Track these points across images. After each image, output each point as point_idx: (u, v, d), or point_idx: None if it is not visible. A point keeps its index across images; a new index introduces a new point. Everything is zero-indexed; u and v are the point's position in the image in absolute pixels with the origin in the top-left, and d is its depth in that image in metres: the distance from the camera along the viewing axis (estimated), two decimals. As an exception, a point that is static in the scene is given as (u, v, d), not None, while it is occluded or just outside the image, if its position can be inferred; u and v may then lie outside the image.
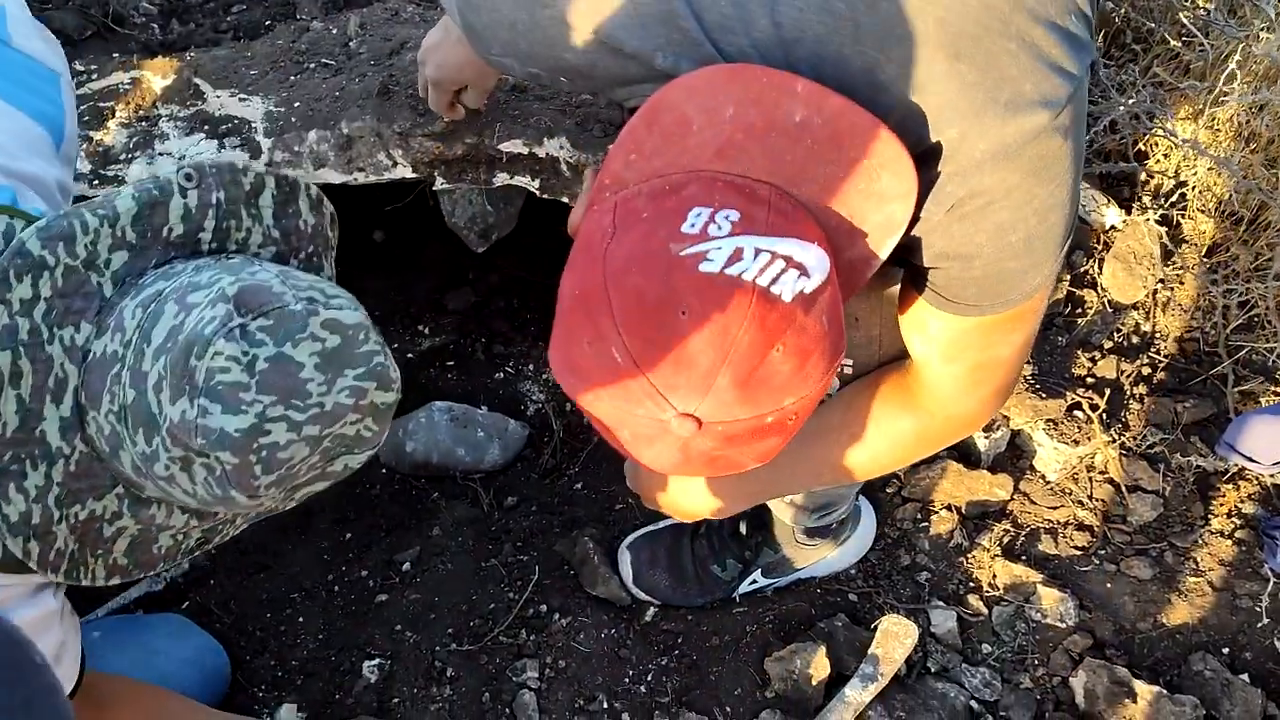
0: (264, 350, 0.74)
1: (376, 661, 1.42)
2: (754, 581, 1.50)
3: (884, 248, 0.80)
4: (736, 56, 0.77)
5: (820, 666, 1.39)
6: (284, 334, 0.75)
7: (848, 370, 1.14)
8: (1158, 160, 1.82)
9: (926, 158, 0.79)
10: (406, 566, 1.53)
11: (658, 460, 0.78)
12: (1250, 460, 1.49)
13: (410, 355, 1.83)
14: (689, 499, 1.22)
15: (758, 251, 0.71)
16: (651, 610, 1.49)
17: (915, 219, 0.81)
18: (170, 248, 0.82)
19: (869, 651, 1.41)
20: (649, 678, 1.42)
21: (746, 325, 0.70)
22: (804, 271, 0.72)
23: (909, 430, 1.04)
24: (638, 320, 0.71)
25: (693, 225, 0.72)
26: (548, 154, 1.53)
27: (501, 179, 1.58)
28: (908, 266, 0.92)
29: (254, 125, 1.56)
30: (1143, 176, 1.81)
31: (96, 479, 0.82)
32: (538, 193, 1.59)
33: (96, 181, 1.45)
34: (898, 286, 0.99)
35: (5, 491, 0.78)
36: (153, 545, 0.88)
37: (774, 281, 0.71)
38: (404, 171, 1.58)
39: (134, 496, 0.84)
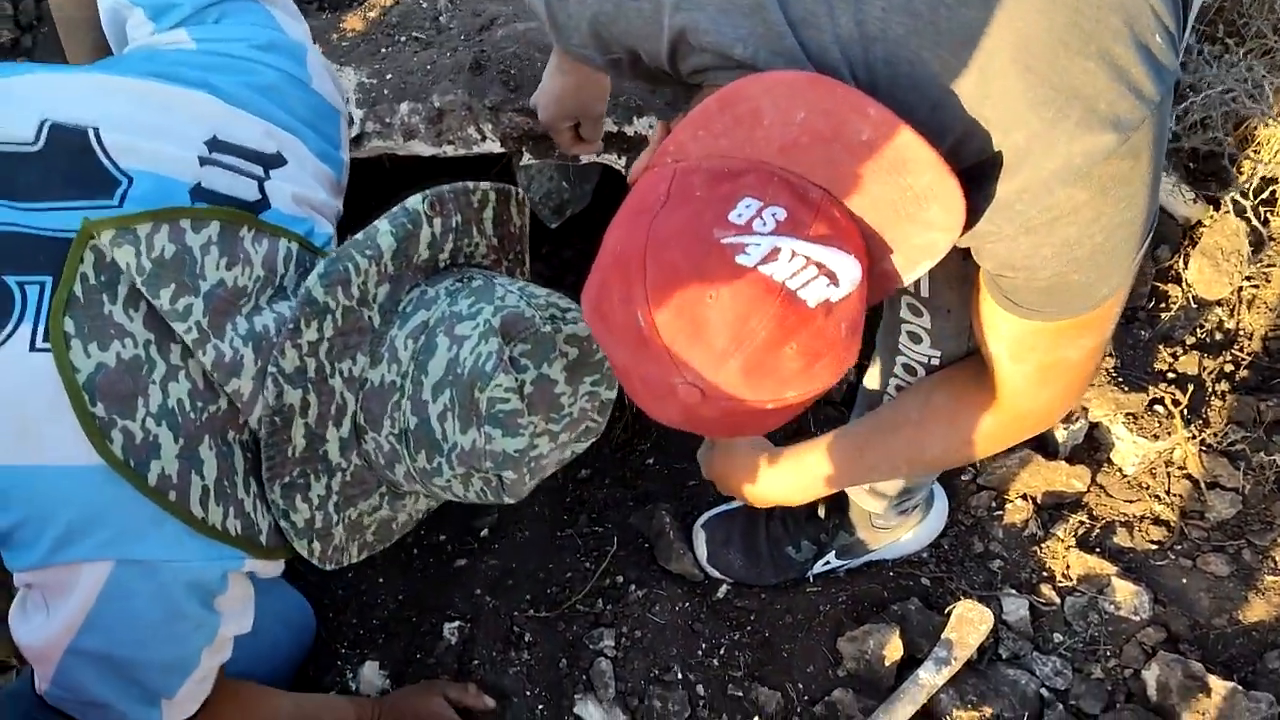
0: (529, 375, 0.85)
1: (456, 624, 1.45)
2: (827, 563, 1.51)
3: (918, 269, 0.81)
4: (816, 51, 0.78)
5: (894, 648, 1.40)
6: (541, 355, 0.86)
7: (935, 362, 1.15)
8: (1249, 155, 1.79)
9: (989, 167, 0.79)
10: (485, 533, 1.56)
11: (662, 414, 0.81)
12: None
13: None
14: (764, 488, 1.23)
15: (794, 254, 0.73)
16: (725, 587, 1.51)
17: (986, 231, 0.83)
18: (418, 271, 0.91)
19: (943, 635, 1.42)
20: (722, 651, 1.44)
21: (765, 321, 0.72)
22: (834, 280, 0.74)
23: (983, 426, 1.05)
24: (667, 294, 0.74)
25: (740, 215, 0.74)
26: (636, 132, 1.54)
27: (589, 156, 1.60)
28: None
29: (346, 96, 1.59)
30: (1233, 171, 1.79)
31: (366, 485, 0.93)
32: (624, 171, 1.60)
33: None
34: None
35: (293, 502, 0.87)
36: (392, 524, 0.99)
37: (803, 286, 0.73)
38: (492, 145, 1.60)
39: (394, 493, 0.96)
